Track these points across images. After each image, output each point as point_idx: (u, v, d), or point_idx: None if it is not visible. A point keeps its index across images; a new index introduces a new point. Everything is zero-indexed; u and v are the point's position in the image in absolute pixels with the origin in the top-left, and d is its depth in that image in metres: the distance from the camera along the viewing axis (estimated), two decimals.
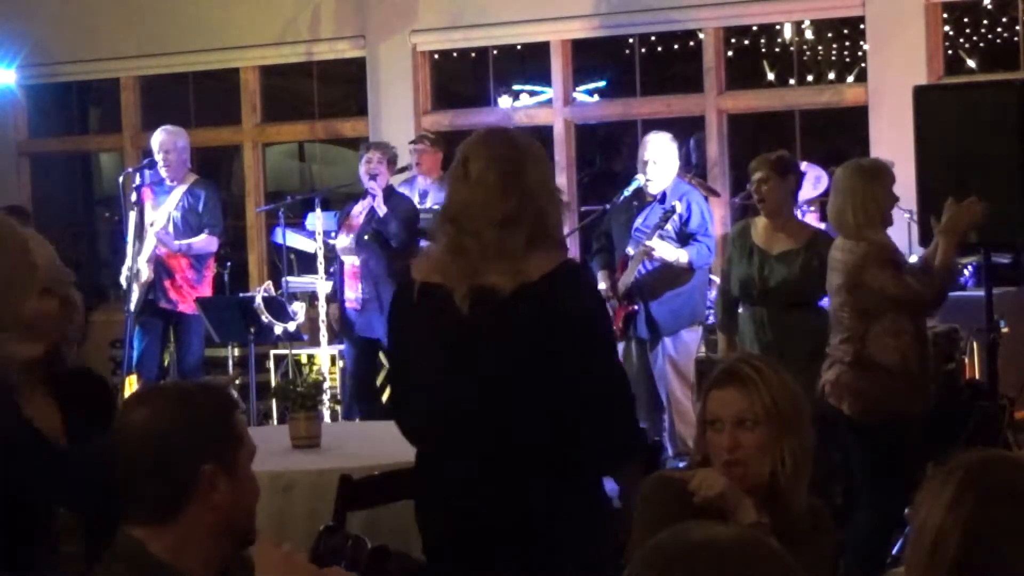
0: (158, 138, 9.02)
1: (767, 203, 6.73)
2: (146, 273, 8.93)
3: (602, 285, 7.97)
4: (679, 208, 7.76)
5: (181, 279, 8.93)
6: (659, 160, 7.90)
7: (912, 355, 5.78)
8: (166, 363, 9.39)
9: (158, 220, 8.97)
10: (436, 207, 9.19)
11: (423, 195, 9.26)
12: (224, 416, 2.53)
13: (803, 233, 6.78)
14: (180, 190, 9.01)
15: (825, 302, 6.28)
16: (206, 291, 9.00)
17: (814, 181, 8.69)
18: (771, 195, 6.70)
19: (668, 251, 7.76)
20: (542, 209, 3.56)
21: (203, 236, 8.95)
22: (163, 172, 8.98)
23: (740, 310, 6.87)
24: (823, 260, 6.15)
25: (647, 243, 7.73)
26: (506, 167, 3.54)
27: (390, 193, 8.66)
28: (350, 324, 8.72)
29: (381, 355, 8.68)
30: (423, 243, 8.73)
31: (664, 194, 7.91)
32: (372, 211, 8.58)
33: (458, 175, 3.60)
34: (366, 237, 8.60)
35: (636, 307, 7.88)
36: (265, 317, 8.52)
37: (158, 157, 8.98)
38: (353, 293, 8.66)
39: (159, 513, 2.48)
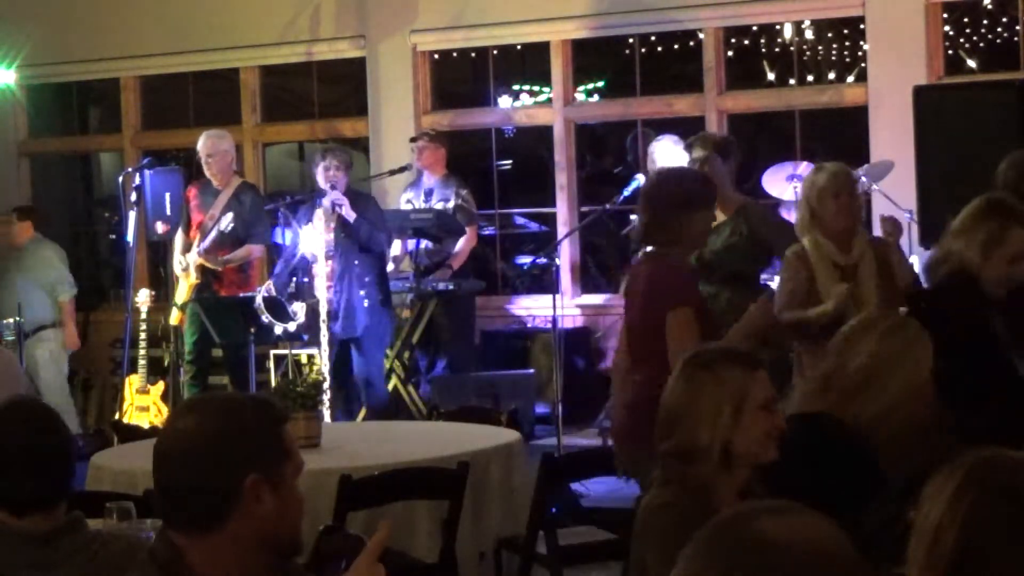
0: (200, 143, 9.04)
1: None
2: (194, 275, 8.98)
3: None
4: None
5: (228, 280, 9.01)
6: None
7: None
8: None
9: (205, 232, 9.00)
10: (442, 204, 9.19)
11: (428, 193, 9.25)
12: (272, 429, 2.50)
13: (732, 204, 6.68)
14: (225, 196, 9.00)
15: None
16: (252, 288, 9.03)
17: None
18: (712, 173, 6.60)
19: None
20: None
21: (244, 249, 9.01)
22: (208, 176, 8.98)
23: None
24: (752, 229, 6.30)
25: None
26: None
27: (353, 197, 8.67)
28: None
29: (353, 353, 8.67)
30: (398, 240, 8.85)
31: None
32: (340, 217, 8.56)
33: None
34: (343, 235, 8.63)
35: None
36: (265, 317, 8.51)
37: (202, 162, 8.97)
38: (327, 295, 8.70)
39: (202, 523, 2.45)
